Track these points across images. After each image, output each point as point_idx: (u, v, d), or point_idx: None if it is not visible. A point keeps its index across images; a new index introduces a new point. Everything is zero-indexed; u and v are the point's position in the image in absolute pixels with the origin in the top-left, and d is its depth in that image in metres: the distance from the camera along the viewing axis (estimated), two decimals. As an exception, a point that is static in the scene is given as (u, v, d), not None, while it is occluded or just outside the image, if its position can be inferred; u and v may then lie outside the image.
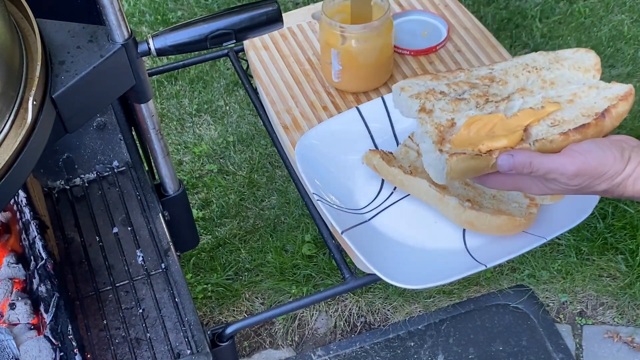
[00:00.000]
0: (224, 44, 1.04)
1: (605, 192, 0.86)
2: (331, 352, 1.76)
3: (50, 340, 1.03)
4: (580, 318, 1.78)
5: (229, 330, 1.07)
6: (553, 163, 0.84)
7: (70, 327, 1.05)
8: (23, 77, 0.87)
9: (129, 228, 1.23)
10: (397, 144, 1.12)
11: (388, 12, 1.17)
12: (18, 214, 1.20)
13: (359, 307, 1.82)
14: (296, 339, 1.80)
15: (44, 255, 1.11)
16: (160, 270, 1.17)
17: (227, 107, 2.30)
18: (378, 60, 1.22)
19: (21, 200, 1.18)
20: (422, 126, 0.94)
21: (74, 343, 1.03)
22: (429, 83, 0.99)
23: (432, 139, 0.92)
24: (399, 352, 1.74)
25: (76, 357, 1.02)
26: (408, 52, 1.32)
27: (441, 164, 0.88)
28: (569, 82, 0.99)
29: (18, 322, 1.07)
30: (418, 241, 1.02)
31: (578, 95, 0.95)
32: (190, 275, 1.88)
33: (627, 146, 0.85)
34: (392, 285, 0.94)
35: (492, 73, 1.02)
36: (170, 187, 1.29)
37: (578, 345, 1.74)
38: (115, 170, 1.32)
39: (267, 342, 1.80)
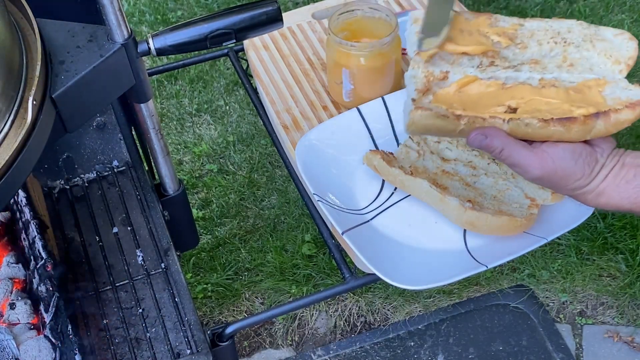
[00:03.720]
0: (224, 44, 1.04)
1: (564, 193, 0.87)
2: (331, 352, 1.76)
3: (50, 340, 1.03)
4: (580, 318, 1.78)
5: (229, 330, 1.07)
6: (522, 159, 0.83)
7: (70, 327, 1.05)
8: (23, 77, 0.87)
9: (129, 228, 1.23)
10: (398, 145, 1.12)
11: (397, 29, 1.15)
12: (18, 213, 1.20)
13: (359, 307, 1.82)
14: (296, 339, 1.80)
15: (43, 255, 1.11)
16: (160, 270, 1.16)
17: (227, 107, 2.30)
18: (390, 76, 1.20)
19: (21, 200, 1.18)
20: (413, 69, 0.90)
21: (74, 343, 1.03)
22: None
23: (416, 85, 0.89)
24: (399, 351, 1.74)
25: (76, 357, 1.02)
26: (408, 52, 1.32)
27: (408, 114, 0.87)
28: (591, 70, 0.89)
29: (18, 322, 1.07)
30: (419, 242, 1.02)
31: (588, 86, 0.86)
32: (190, 275, 1.88)
33: (601, 157, 0.83)
34: (392, 285, 0.94)
35: (517, 31, 0.93)
36: (170, 187, 1.29)
37: (578, 345, 1.74)
38: (115, 170, 1.31)
39: (267, 342, 1.80)
